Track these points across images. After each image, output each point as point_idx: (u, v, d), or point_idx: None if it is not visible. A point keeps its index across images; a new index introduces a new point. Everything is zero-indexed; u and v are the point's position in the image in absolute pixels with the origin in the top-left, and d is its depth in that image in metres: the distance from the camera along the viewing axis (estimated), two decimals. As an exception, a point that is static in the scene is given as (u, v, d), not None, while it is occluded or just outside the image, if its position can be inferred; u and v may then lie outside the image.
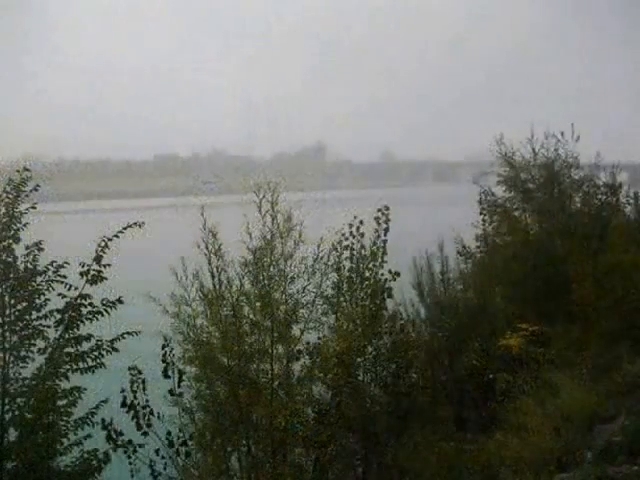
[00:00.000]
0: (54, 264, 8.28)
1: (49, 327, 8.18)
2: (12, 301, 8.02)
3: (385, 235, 10.04)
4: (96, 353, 8.23)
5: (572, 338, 11.62)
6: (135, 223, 8.73)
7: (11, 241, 8.16)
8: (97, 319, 8.33)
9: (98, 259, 8.40)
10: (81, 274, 8.37)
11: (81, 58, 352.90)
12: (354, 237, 9.95)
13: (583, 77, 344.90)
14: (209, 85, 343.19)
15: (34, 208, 8.55)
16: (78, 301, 8.22)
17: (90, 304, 8.29)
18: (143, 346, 9.55)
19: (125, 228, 8.68)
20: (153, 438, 8.63)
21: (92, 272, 8.37)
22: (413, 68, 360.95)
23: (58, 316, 8.18)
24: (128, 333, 8.51)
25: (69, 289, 8.24)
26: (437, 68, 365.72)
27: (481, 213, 15.60)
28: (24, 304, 8.06)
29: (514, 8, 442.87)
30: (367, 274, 9.87)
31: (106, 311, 8.34)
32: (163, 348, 8.84)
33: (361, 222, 9.97)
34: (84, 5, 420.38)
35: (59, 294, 8.23)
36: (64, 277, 8.27)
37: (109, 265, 8.48)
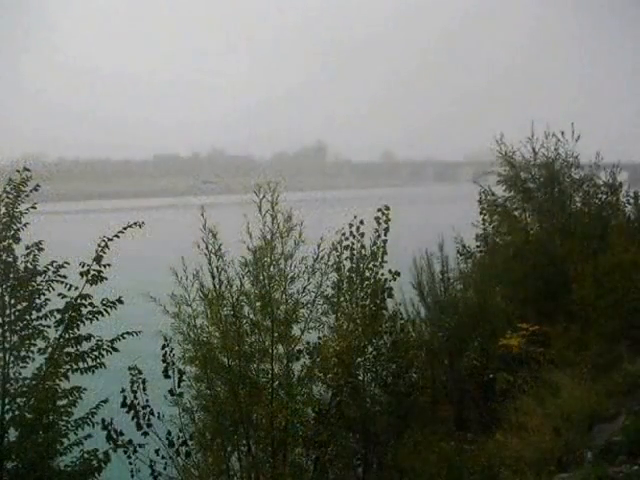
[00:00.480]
0: (54, 264, 8.26)
1: (49, 327, 8.17)
2: (12, 301, 8.00)
3: (385, 235, 10.01)
4: (96, 353, 8.21)
5: (572, 338, 11.62)
6: (135, 223, 8.71)
7: (11, 241, 8.14)
8: (97, 319, 8.32)
9: (98, 259, 8.38)
10: (81, 274, 8.35)
11: (81, 58, 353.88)
12: (354, 237, 9.92)
13: (583, 77, 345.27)
14: (209, 85, 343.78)
15: (34, 208, 8.53)
16: (78, 301, 8.21)
17: (90, 304, 8.28)
18: (143, 346, 9.55)
19: (125, 228, 8.66)
20: (153, 438, 8.62)
21: (92, 272, 8.36)
22: (413, 68, 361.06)
23: (58, 316, 8.16)
24: (128, 333, 8.49)
25: (69, 289, 8.23)
26: (437, 68, 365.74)
27: (481, 213, 15.57)
28: (24, 304, 8.05)
29: (514, 8, 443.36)
30: (367, 274, 9.84)
31: (106, 311, 8.33)
32: (163, 348, 8.84)
33: (361, 222, 9.93)
34: (84, 5, 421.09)
35: (59, 294, 8.21)
36: (64, 277, 8.26)
37: (109, 265, 8.47)
